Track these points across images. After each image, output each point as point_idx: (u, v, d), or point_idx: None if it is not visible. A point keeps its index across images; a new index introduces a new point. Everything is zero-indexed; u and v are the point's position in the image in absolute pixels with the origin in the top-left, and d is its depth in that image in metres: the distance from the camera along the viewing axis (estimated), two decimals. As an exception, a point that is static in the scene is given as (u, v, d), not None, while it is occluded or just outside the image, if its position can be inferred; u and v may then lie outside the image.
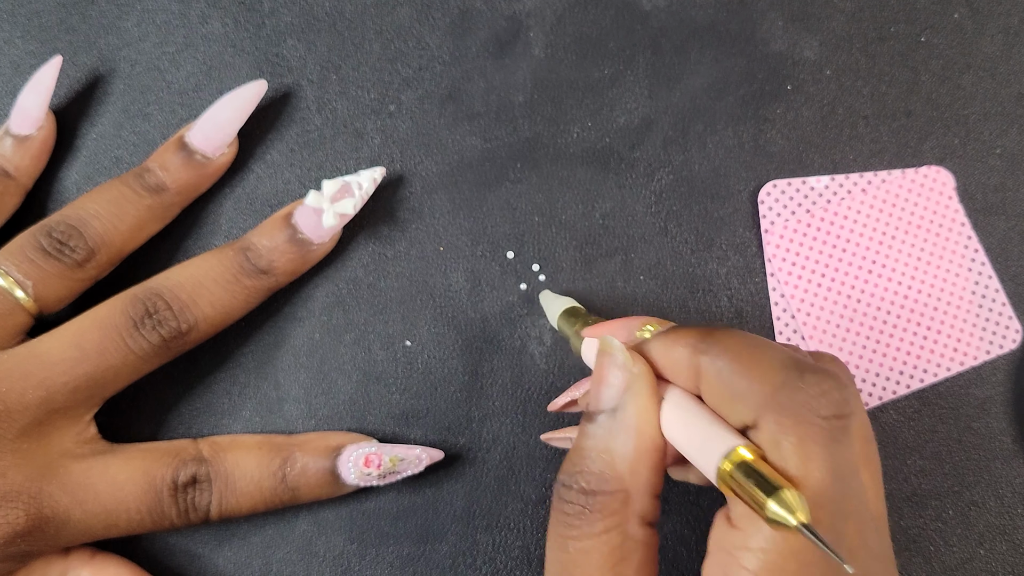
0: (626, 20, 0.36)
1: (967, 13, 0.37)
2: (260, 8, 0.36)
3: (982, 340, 0.34)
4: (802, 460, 0.21)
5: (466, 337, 0.34)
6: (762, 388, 0.22)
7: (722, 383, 0.23)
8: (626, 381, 0.24)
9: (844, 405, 0.21)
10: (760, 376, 0.22)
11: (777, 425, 0.21)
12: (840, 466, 0.21)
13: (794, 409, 0.21)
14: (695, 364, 0.23)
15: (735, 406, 0.22)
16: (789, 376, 0.22)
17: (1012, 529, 0.33)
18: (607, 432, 0.24)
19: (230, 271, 0.31)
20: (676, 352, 0.24)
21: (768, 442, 0.21)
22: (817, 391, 0.21)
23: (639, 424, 0.24)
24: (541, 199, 0.35)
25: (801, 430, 0.21)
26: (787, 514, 0.19)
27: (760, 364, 0.22)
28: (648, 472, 0.24)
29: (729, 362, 0.23)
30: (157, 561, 0.33)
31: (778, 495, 0.19)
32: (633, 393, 0.24)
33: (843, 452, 0.21)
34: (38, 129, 0.33)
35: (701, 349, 0.23)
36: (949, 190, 0.35)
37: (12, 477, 0.28)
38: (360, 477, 0.31)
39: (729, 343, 0.23)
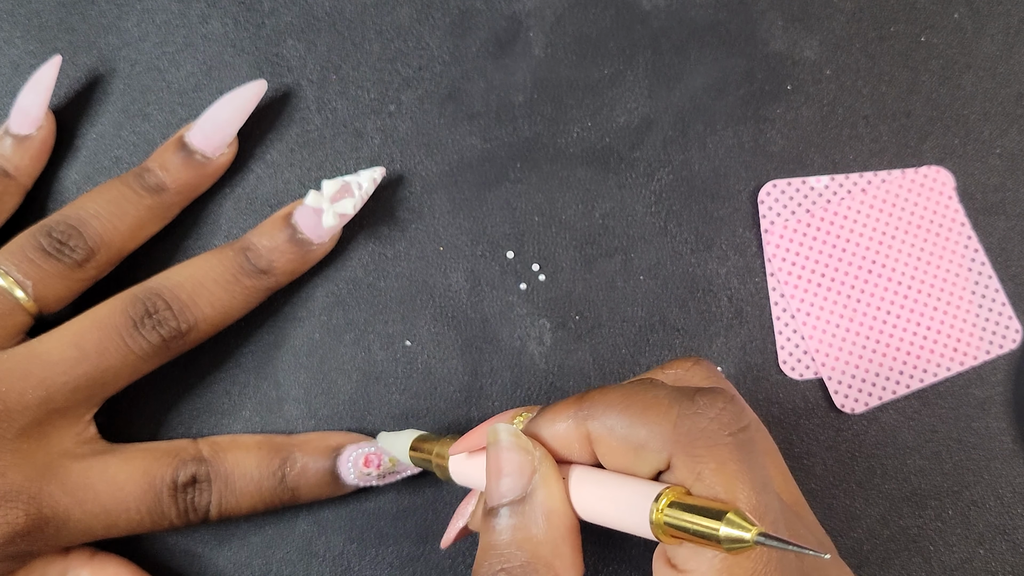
0: (626, 20, 0.36)
1: (967, 13, 0.37)
2: (260, 8, 0.36)
3: (982, 340, 0.34)
4: (727, 483, 0.20)
5: (466, 337, 0.34)
6: (662, 428, 0.21)
7: (619, 439, 0.22)
8: (530, 464, 0.23)
9: (742, 416, 0.21)
10: (654, 417, 0.22)
11: (691, 457, 0.21)
12: (761, 477, 0.21)
13: (700, 435, 0.21)
14: (583, 432, 0.23)
15: (641, 456, 0.22)
16: (683, 407, 0.21)
17: (1012, 529, 0.33)
18: (521, 522, 0.23)
19: (230, 271, 0.31)
20: (559, 428, 0.23)
21: (688, 477, 0.21)
22: (714, 412, 0.21)
23: (554, 507, 0.23)
24: (541, 199, 0.35)
25: (715, 453, 0.21)
26: (743, 532, 0.19)
27: (649, 406, 0.22)
28: (572, 554, 0.23)
29: (618, 416, 0.22)
30: (157, 561, 0.33)
31: (727, 519, 0.19)
32: (542, 476, 0.23)
33: (757, 462, 0.21)
34: (38, 129, 0.33)
35: (583, 416, 0.23)
36: (949, 190, 0.35)
37: (12, 477, 0.28)
38: (360, 477, 0.31)
39: (609, 399, 0.23)
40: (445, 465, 0.28)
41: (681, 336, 0.34)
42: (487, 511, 0.23)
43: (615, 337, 0.34)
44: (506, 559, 0.22)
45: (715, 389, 0.22)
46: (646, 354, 0.34)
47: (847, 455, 0.34)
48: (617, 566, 0.33)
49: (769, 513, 0.20)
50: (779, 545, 0.19)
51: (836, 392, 0.34)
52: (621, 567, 0.33)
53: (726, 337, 0.34)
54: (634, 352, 0.34)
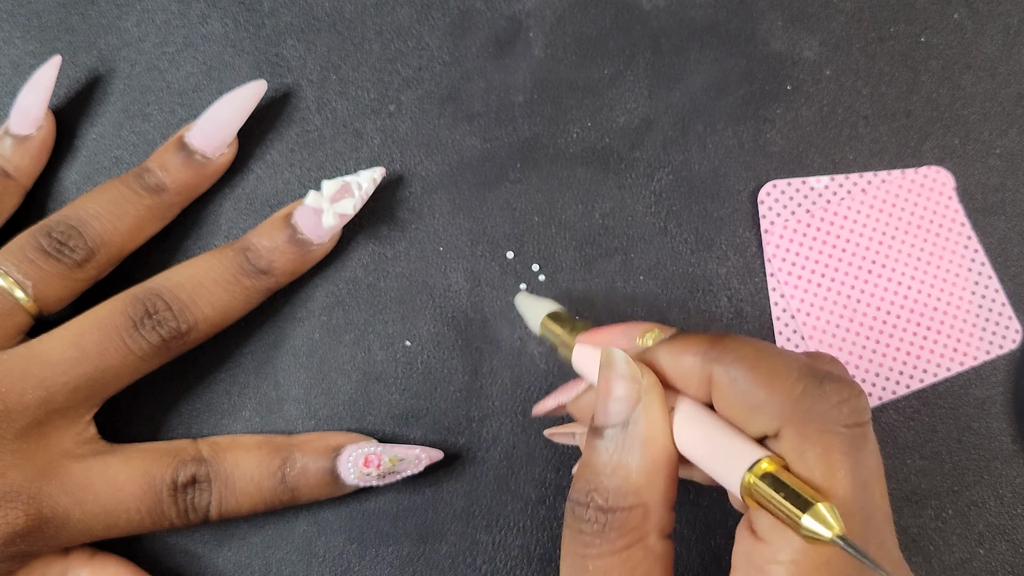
0: (626, 20, 0.36)
1: (967, 13, 0.37)
2: (260, 8, 0.36)
3: (982, 340, 0.34)
4: (828, 470, 0.21)
5: (466, 337, 0.34)
6: (782, 398, 0.21)
7: (738, 393, 0.22)
8: (636, 394, 0.23)
9: (864, 413, 0.21)
10: (779, 386, 0.22)
11: (800, 435, 0.21)
12: (864, 475, 0.21)
13: (816, 419, 0.21)
14: (706, 373, 0.23)
15: (753, 416, 0.22)
16: (809, 385, 0.21)
17: (1012, 529, 0.33)
18: (620, 447, 0.23)
19: (230, 271, 0.31)
20: (685, 361, 0.24)
21: (791, 452, 0.21)
22: (837, 399, 0.21)
23: (653, 437, 0.23)
24: (541, 199, 0.35)
25: (825, 440, 0.21)
26: (823, 528, 0.19)
27: (777, 374, 0.22)
28: (665, 485, 0.23)
29: (745, 372, 0.22)
30: (157, 561, 0.33)
31: (813, 510, 0.19)
32: (645, 406, 0.23)
33: (865, 460, 0.21)
34: (38, 129, 0.33)
35: (712, 358, 0.23)
36: (949, 190, 0.35)
37: (12, 477, 0.28)
38: (360, 477, 0.31)
39: (742, 351, 0.23)
40: (570, 349, 0.28)
41: (681, 336, 0.34)
42: (592, 429, 0.24)
43: (615, 337, 0.34)
44: (599, 481, 0.23)
45: (845, 379, 0.22)
46: (646, 354, 0.34)
47: (847, 455, 0.34)
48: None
49: (860, 512, 0.20)
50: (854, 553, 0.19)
51: (836, 392, 0.34)
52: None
53: (726, 337, 0.34)
54: (634, 352, 0.34)
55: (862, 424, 0.21)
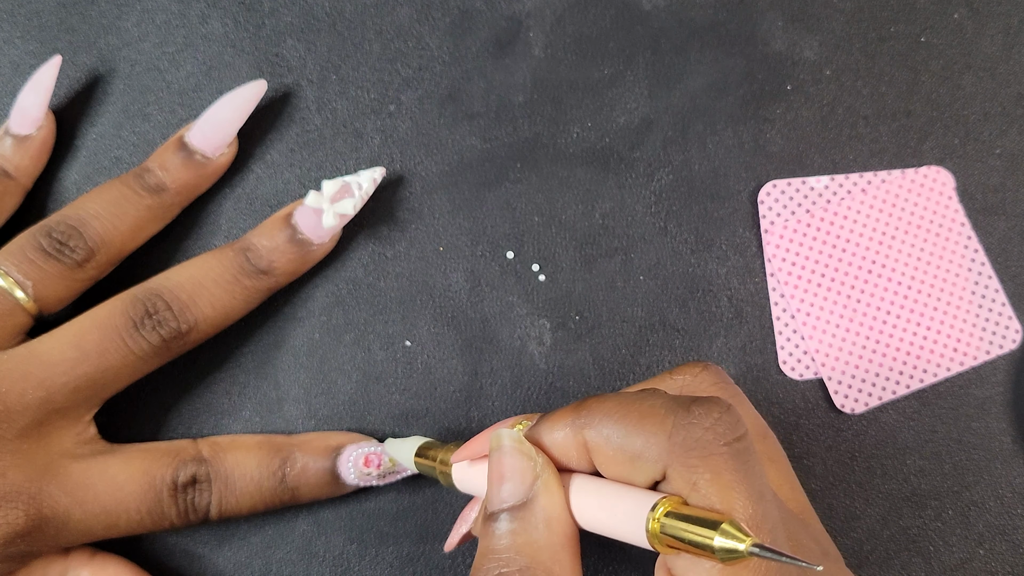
0: (626, 20, 0.36)
1: (967, 13, 0.37)
2: (260, 8, 0.36)
3: (982, 340, 0.34)
4: (723, 492, 0.20)
5: (466, 337, 0.34)
6: (658, 437, 0.21)
7: (615, 449, 0.22)
8: (532, 471, 0.23)
9: (739, 426, 0.21)
10: (651, 427, 0.22)
11: (686, 467, 0.21)
12: (758, 487, 0.21)
13: (695, 446, 0.21)
14: (580, 441, 0.23)
15: (637, 466, 0.22)
16: (678, 416, 0.21)
17: (1012, 529, 0.33)
18: (522, 527, 0.23)
19: (230, 271, 0.31)
20: (557, 436, 0.23)
21: (684, 487, 0.21)
22: (710, 421, 0.21)
23: (556, 515, 0.23)
24: (541, 199, 0.35)
25: (711, 463, 0.21)
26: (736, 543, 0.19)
27: (645, 416, 0.22)
28: (571, 561, 0.23)
29: (615, 425, 0.22)
30: (157, 561, 0.33)
31: (721, 529, 0.19)
32: (543, 483, 0.23)
33: (754, 471, 0.21)
34: (38, 129, 0.33)
35: (581, 424, 0.23)
36: (949, 190, 0.35)
37: (12, 477, 0.28)
38: (360, 477, 0.31)
39: (605, 408, 0.23)
40: (448, 472, 0.28)
41: (681, 336, 0.34)
42: (487, 516, 0.23)
43: (615, 337, 0.34)
44: (505, 563, 0.22)
45: (712, 399, 0.22)
46: (646, 354, 0.34)
47: (847, 455, 0.34)
48: (617, 566, 0.33)
49: (766, 522, 0.20)
50: (773, 556, 0.19)
51: (836, 392, 0.34)
52: (621, 567, 0.33)
53: (726, 337, 0.34)
54: (634, 352, 0.34)
55: (741, 437, 0.21)
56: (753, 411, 0.27)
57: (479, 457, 0.26)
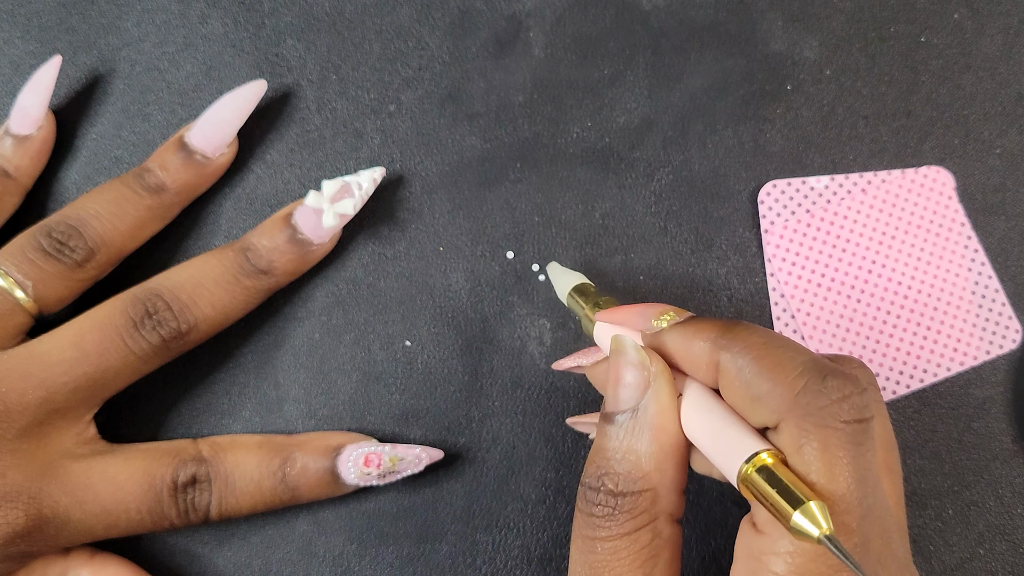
0: (626, 20, 0.36)
1: (967, 13, 0.37)
2: (260, 8, 0.36)
3: (982, 340, 0.34)
4: (826, 465, 0.21)
5: (466, 337, 0.34)
6: (783, 391, 0.22)
7: (742, 383, 0.23)
8: (645, 381, 0.24)
9: (865, 409, 0.21)
10: (782, 378, 0.22)
11: (799, 429, 0.21)
12: (863, 471, 0.21)
13: (816, 413, 0.21)
14: (714, 359, 0.23)
15: (756, 407, 0.22)
16: (811, 379, 0.22)
17: (1012, 529, 0.33)
18: (629, 432, 0.24)
19: (230, 271, 0.31)
20: (695, 346, 0.24)
21: (790, 446, 0.21)
22: (838, 395, 0.21)
23: (662, 424, 0.24)
24: (541, 199, 0.35)
25: (823, 435, 0.21)
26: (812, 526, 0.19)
27: (782, 366, 0.22)
28: (674, 470, 0.24)
29: (750, 362, 0.22)
30: (157, 561, 0.33)
31: (803, 508, 0.19)
32: (654, 393, 0.24)
33: (865, 456, 0.21)
34: (38, 129, 0.33)
35: (721, 345, 0.23)
36: (949, 190, 0.35)
37: (12, 477, 0.28)
38: (360, 477, 0.31)
39: (750, 341, 0.23)
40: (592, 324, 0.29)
41: (681, 336, 0.34)
42: (603, 415, 0.24)
43: (615, 337, 0.34)
44: (610, 466, 0.24)
45: (850, 377, 0.22)
46: (646, 354, 0.34)
47: (847, 455, 0.34)
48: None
49: (858, 507, 0.20)
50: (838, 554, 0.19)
51: (836, 392, 0.34)
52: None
53: (726, 337, 0.34)
54: (634, 352, 0.34)
55: (863, 420, 0.21)
56: (888, 421, 0.27)
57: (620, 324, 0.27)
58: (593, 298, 0.30)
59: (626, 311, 0.27)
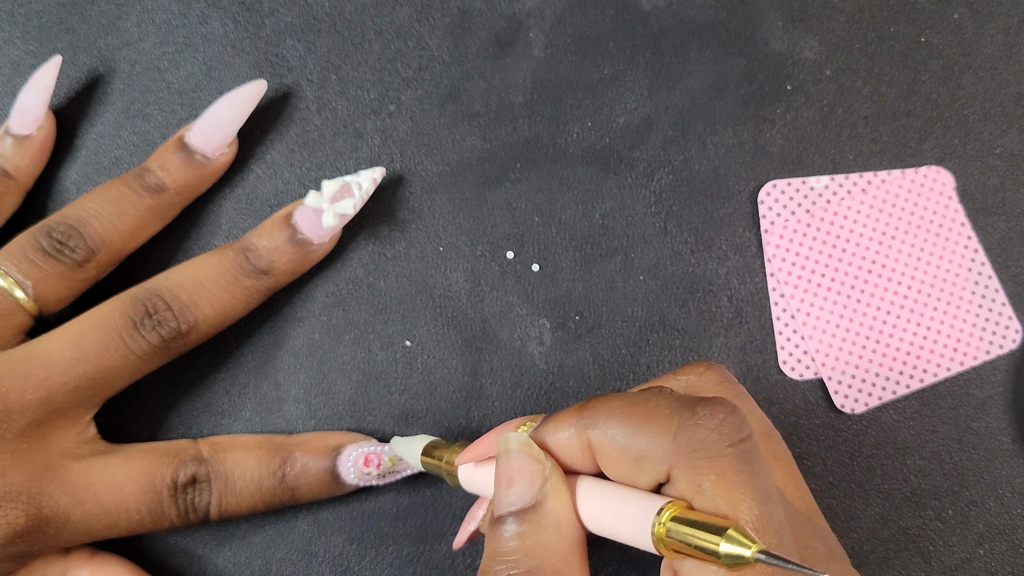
0: (626, 20, 0.36)
1: (967, 13, 0.37)
2: (260, 8, 0.36)
3: (982, 340, 0.34)
4: (728, 495, 0.20)
5: (466, 337, 0.34)
6: (662, 438, 0.21)
7: (620, 449, 0.22)
8: (541, 474, 0.23)
9: (743, 426, 0.21)
10: (655, 427, 0.21)
11: (691, 469, 0.21)
12: (763, 489, 0.21)
13: (700, 447, 0.21)
14: (585, 441, 0.23)
15: (641, 467, 0.22)
16: (683, 417, 0.21)
17: (1012, 529, 0.33)
18: (531, 529, 0.23)
19: (230, 271, 0.31)
20: (561, 437, 0.23)
21: (689, 489, 0.21)
22: (715, 422, 0.21)
23: (565, 518, 0.23)
24: (541, 199, 0.35)
25: (716, 465, 0.20)
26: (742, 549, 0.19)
27: (650, 416, 0.22)
28: (579, 564, 0.23)
29: (619, 426, 0.22)
30: (157, 561, 0.33)
31: (727, 535, 0.19)
32: (552, 486, 0.23)
33: (760, 472, 0.21)
34: (38, 129, 0.33)
35: (585, 424, 0.23)
36: (949, 190, 0.35)
37: (12, 477, 0.28)
38: (360, 477, 0.31)
39: (610, 408, 0.23)
40: (455, 472, 0.28)
41: (681, 336, 0.34)
42: (495, 520, 0.23)
43: (615, 337, 0.34)
44: (514, 565, 0.22)
45: (716, 399, 0.22)
46: (646, 354, 0.34)
47: (847, 455, 0.34)
48: (618, 566, 0.33)
49: (772, 524, 0.20)
50: (779, 564, 0.18)
51: (836, 392, 0.34)
52: (622, 567, 0.33)
53: (726, 337, 0.34)
54: (634, 352, 0.34)
55: (746, 438, 0.21)
56: (758, 410, 0.27)
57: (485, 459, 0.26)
58: (445, 450, 0.29)
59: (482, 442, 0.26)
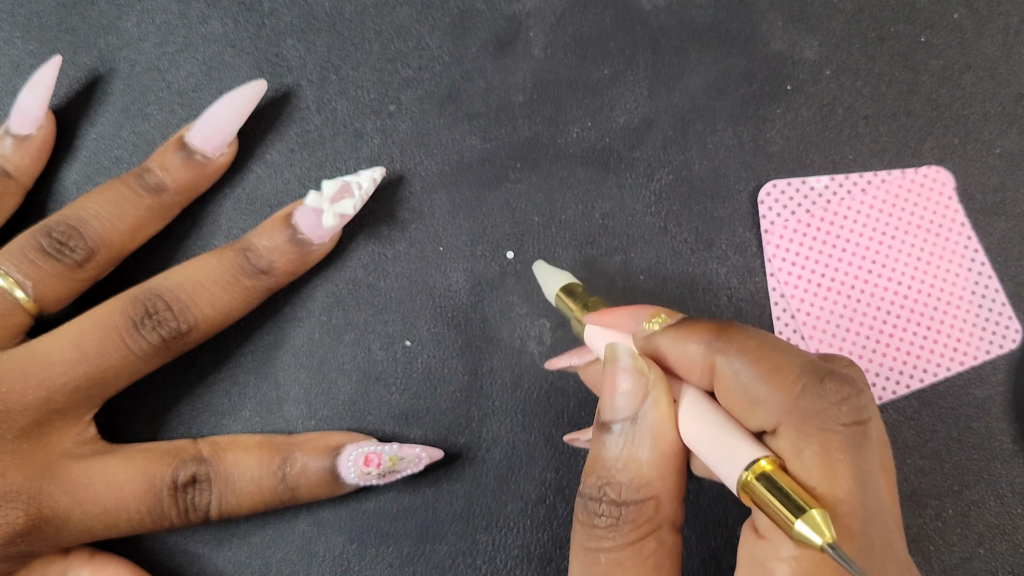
0: (626, 20, 0.36)
1: (967, 13, 0.37)
2: (260, 8, 0.36)
3: (982, 340, 0.34)
4: (826, 469, 0.20)
5: (466, 337, 0.34)
6: (782, 394, 0.21)
7: (739, 386, 0.22)
8: (643, 388, 0.24)
9: (863, 411, 0.21)
10: (779, 382, 0.22)
11: (798, 433, 0.21)
12: (863, 474, 0.21)
13: (815, 416, 0.21)
14: (709, 362, 0.23)
15: (753, 410, 0.22)
16: (809, 382, 0.21)
17: (1012, 529, 0.33)
18: (629, 441, 0.23)
19: (230, 271, 0.31)
20: (689, 349, 0.24)
21: (789, 449, 0.21)
22: (837, 398, 0.21)
23: (662, 431, 0.23)
24: (541, 199, 0.35)
25: (823, 438, 0.21)
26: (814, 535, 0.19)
27: (779, 369, 0.22)
28: (675, 477, 0.23)
29: (747, 365, 0.22)
30: (157, 561, 0.33)
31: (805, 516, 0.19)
32: (654, 400, 0.24)
33: (865, 459, 0.21)
34: (38, 129, 0.33)
35: (716, 348, 0.23)
36: (949, 190, 0.35)
37: (12, 477, 0.28)
38: (360, 476, 0.31)
39: (746, 343, 0.23)
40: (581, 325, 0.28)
41: (681, 336, 0.34)
42: (599, 424, 0.24)
43: (615, 337, 0.34)
44: (611, 475, 0.23)
45: (848, 378, 0.22)
46: (646, 354, 0.34)
47: (847, 455, 0.34)
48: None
49: (860, 510, 0.20)
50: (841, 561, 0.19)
51: (836, 392, 0.34)
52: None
53: (726, 337, 0.34)
54: (634, 352, 0.34)
55: (862, 422, 0.21)
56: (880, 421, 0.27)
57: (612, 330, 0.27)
58: (582, 299, 0.29)
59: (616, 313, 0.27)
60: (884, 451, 0.26)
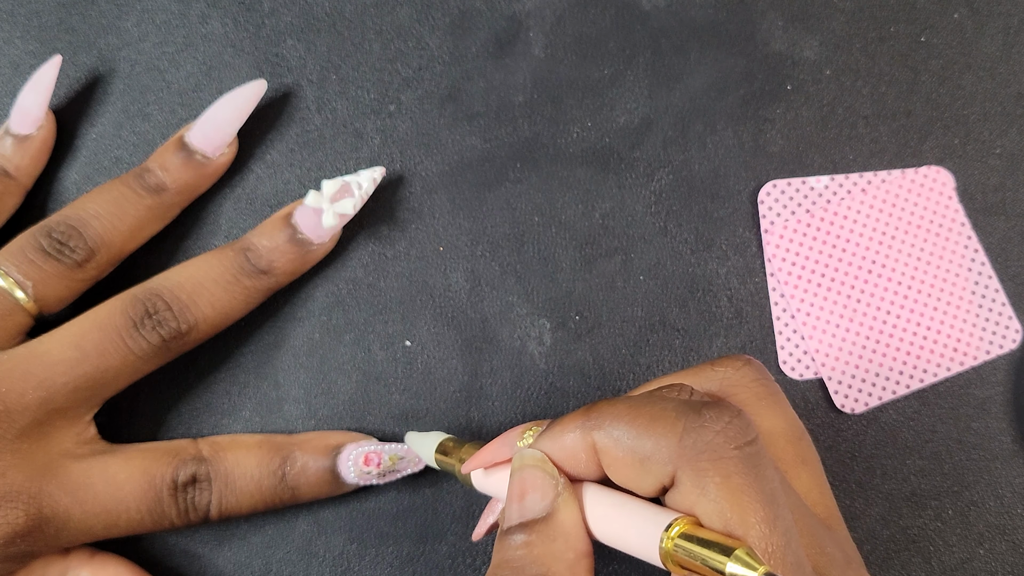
0: (626, 20, 0.36)
1: (967, 13, 0.37)
2: (260, 8, 0.36)
3: (982, 340, 0.34)
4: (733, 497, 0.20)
5: (466, 337, 0.34)
6: (667, 440, 0.21)
7: (625, 451, 0.22)
8: (553, 489, 0.23)
9: (749, 430, 0.21)
10: (661, 430, 0.21)
11: (695, 471, 0.21)
12: (769, 491, 0.21)
13: (706, 449, 0.21)
14: (589, 443, 0.23)
15: (646, 469, 0.22)
16: (689, 419, 0.21)
17: (1012, 529, 0.33)
18: (540, 539, 0.23)
19: (230, 271, 0.31)
20: (567, 441, 0.23)
21: (693, 492, 0.21)
22: (720, 424, 0.21)
23: (573, 528, 0.23)
24: (541, 199, 0.35)
25: (721, 466, 0.20)
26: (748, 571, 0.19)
27: (656, 419, 0.22)
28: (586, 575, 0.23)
29: (624, 428, 0.22)
30: (157, 561, 0.33)
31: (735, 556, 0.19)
32: (564, 499, 0.23)
33: (765, 475, 0.21)
34: (38, 129, 0.33)
35: (590, 426, 0.23)
36: (949, 190, 0.35)
37: (12, 477, 0.28)
38: (360, 476, 0.31)
39: (615, 410, 0.23)
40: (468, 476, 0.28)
41: (681, 336, 0.34)
42: (505, 531, 0.24)
43: (615, 337, 0.34)
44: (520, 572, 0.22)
45: (722, 403, 0.22)
46: (646, 354, 0.34)
47: (847, 455, 0.34)
48: (619, 565, 0.33)
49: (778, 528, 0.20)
50: None
51: (836, 392, 0.34)
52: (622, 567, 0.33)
53: (726, 337, 0.34)
54: (634, 352, 0.34)
55: (752, 442, 0.21)
56: (790, 411, 0.26)
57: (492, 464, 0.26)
58: (457, 452, 0.29)
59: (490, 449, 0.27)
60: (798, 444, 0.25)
